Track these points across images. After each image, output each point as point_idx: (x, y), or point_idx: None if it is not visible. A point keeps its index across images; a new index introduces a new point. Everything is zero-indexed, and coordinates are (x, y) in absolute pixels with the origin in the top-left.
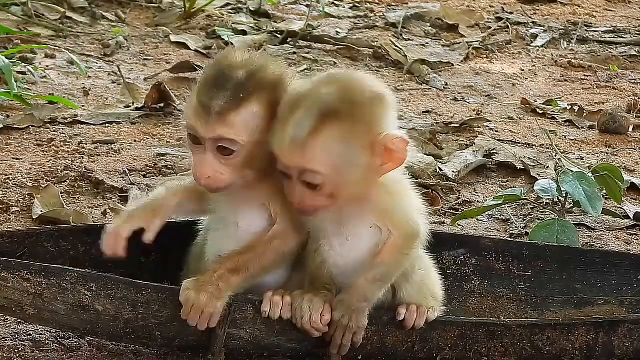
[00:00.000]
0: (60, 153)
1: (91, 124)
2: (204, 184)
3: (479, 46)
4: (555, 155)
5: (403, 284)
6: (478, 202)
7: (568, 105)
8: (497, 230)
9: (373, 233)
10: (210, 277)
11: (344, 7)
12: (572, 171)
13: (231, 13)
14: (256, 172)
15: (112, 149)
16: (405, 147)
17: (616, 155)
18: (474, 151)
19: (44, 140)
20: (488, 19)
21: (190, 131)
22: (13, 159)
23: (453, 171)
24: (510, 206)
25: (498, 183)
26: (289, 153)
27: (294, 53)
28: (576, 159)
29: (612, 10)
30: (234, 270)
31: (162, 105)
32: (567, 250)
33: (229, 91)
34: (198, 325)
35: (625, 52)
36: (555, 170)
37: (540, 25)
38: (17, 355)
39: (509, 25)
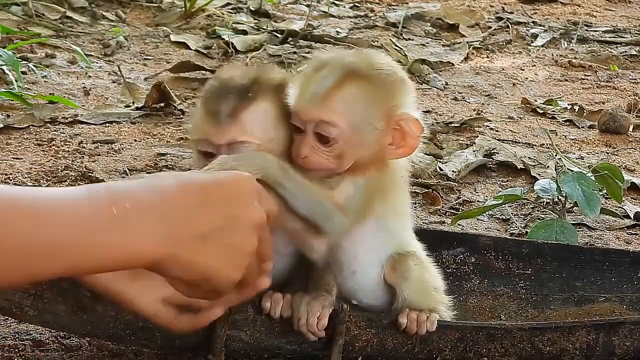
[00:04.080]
0: (60, 153)
1: (91, 124)
2: None
3: (479, 46)
4: (556, 155)
5: (403, 283)
6: (478, 201)
7: (568, 104)
8: (497, 230)
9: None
10: None
11: (344, 7)
12: (571, 171)
13: (231, 13)
14: None
15: (112, 148)
16: (420, 132)
17: (616, 154)
18: (474, 151)
19: (44, 139)
20: (488, 18)
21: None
22: (13, 158)
23: (453, 171)
24: (510, 206)
25: (498, 183)
26: (308, 105)
27: (294, 53)
28: (576, 158)
29: (612, 10)
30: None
31: (162, 105)
32: (567, 248)
33: None
34: None
35: (626, 51)
36: (556, 169)
37: (540, 25)
38: (18, 354)
39: (509, 25)
